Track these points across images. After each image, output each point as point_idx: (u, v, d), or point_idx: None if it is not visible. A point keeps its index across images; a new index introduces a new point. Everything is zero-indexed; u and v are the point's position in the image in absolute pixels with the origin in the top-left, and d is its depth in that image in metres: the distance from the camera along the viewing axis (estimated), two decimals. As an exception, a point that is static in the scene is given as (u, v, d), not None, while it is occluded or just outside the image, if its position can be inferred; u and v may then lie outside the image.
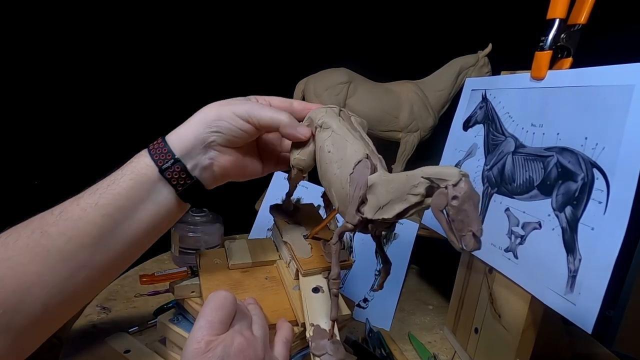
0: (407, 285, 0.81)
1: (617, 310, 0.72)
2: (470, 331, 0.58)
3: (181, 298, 0.46)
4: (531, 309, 0.46)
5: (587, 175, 0.40)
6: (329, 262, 0.46)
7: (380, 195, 0.32)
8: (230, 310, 0.35)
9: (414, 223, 0.74)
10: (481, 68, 0.80)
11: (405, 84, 0.81)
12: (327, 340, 0.38)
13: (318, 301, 0.42)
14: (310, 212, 0.55)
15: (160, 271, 0.71)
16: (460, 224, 0.26)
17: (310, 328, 0.39)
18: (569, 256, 0.41)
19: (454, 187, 0.26)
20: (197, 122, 0.40)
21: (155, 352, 0.50)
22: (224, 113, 0.40)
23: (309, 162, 0.43)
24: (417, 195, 0.29)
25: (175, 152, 0.39)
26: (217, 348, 0.31)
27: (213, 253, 0.50)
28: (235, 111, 0.40)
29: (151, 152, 0.39)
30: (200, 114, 0.41)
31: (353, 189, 0.35)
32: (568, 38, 0.47)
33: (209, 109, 0.41)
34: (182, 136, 0.40)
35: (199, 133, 0.40)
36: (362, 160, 0.35)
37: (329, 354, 0.36)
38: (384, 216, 0.32)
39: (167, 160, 0.39)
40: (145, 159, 0.39)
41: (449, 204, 0.27)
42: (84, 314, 0.59)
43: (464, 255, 0.62)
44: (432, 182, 0.28)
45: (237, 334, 0.33)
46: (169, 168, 0.39)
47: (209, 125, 0.40)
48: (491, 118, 0.57)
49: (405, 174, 0.31)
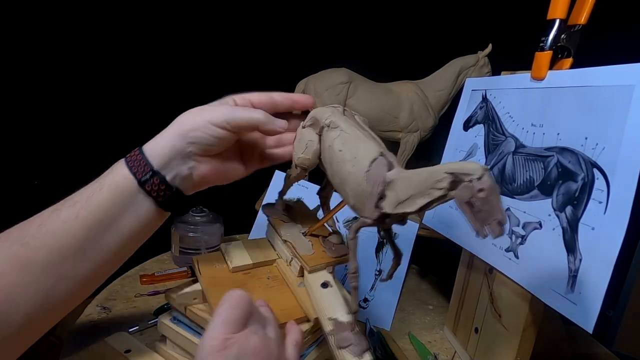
0: (408, 285, 0.81)
1: (617, 310, 0.72)
2: (471, 331, 0.58)
3: (182, 306, 0.45)
4: (531, 309, 0.46)
5: (587, 175, 0.40)
6: (331, 257, 0.47)
7: (400, 190, 0.34)
8: (246, 310, 0.34)
9: (414, 223, 0.74)
10: (481, 68, 0.80)
11: (406, 84, 0.81)
12: (349, 331, 0.39)
13: (329, 296, 0.43)
14: (302, 210, 0.55)
15: (161, 271, 0.71)
16: (486, 214, 0.29)
17: (329, 322, 0.39)
18: (569, 256, 0.41)
19: (478, 181, 0.29)
20: (173, 133, 0.39)
21: (156, 351, 0.50)
22: (199, 122, 0.39)
23: (314, 160, 0.43)
24: (441, 189, 0.31)
25: (153, 164, 0.38)
26: (233, 346, 0.31)
27: (210, 257, 0.49)
28: (211, 119, 0.39)
29: (129, 163, 0.38)
30: (175, 124, 0.40)
31: (371, 186, 0.36)
32: (568, 38, 0.47)
33: (184, 118, 0.40)
34: (159, 147, 0.39)
35: (175, 144, 0.39)
36: (378, 158, 0.36)
37: (354, 345, 0.37)
38: (406, 210, 0.33)
39: (146, 172, 0.38)
40: (123, 171, 0.38)
41: (474, 196, 0.29)
42: (85, 313, 0.59)
43: (464, 255, 0.62)
44: (456, 177, 0.30)
45: (252, 333, 0.33)
46: (148, 180, 0.38)
47: (184, 136, 0.39)
48: (491, 118, 0.57)
49: (426, 169, 0.33)
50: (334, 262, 0.47)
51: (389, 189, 0.35)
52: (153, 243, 0.81)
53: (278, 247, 0.50)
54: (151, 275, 0.69)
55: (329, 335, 0.39)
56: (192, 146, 0.39)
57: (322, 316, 0.41)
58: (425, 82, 0.83)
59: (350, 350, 0.37)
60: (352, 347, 0.37)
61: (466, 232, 0.57)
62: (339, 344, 0.38)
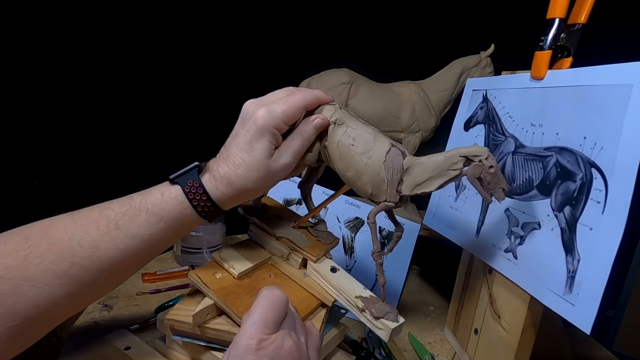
0: (409, 285, 0.80)
1: (617, 310, 0.71)
2: (470, 332, 0.57)
3: (196, 327, 0.43)
4: (530, 310, 0.46)
5: (585, 175, 0.40)
6: (326, 244, 0.50)
7: (417, 174, 0.41)
8: (283, 311, 0.35)
9: (416, 224, 0.74)
10: (484, 68, 0.80)
11: (407, 85, 0.81)
12: (381, 303, 0.43)
13: (343, 278, 0.46)
14: (276, 205, 0.56)
15: (162, 269, 0.71)
16: (494, 184, 0.39)
17: (356, 300, 0.43)
18: (567, 256, 0.41)
19: (487, 160, 0.38)
20: (234, 191, 0.41)
21: (156, 349, 0.50)
22: (260, 187, 0.42)
23: (316, 157, 0.46)
24: (457, 170, 0.39)
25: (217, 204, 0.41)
26: (268, 347, 0.31)
27: (207, 269, 0.47)
28: (269, 185, 0.43)
29: (193, 202, 0.40)
30: (240, 184, 0.40)
31: (390, 174, 0.41)
32: (568, 38, 0.46)
33: (247, 183, 0.41)
34: (220, 196, 0.41)
35: (231, 195, 0.41)
36: (392, 149, 0.42)
37: (389, 312, 0.42)
38: (425, 190, 0.41)
39: (206, 206, 0.40)
40: (186, 210, 0.40)
41: (484, 171, 0.38)
42: (86, 311, 0.59)
43: (464, 256, 0.62)
44: (468, 159, 0.39)
45: (287, 336, 0.33)
46: (207, 212, 0.41)
47: (244, 193, 0.41)
48: (492, 118, 0.57)
49: (442, 154, 0.40)
50: (329, 247, 0.50)
51: (406, 174, 0.41)
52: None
53: (269, 245, 0.51)
54: (153, 273, 0.70)
55: (361, 311, 0.42)
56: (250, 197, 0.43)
57: (346, 297, 0.44)
58: (427, 82, 0.83)
59: (388, 318, 0.41)
60: (389, 315, 0.41)
61: (465, 233, 0.57)
62: (377, 315, 0.41)
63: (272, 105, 0.41)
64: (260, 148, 0.40)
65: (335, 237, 0.52)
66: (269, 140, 0.40)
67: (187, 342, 0.44)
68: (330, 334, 0.49)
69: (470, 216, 0.57)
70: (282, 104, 0.41)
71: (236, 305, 0.42)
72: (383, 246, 0.75)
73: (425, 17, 0.93)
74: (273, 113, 0.40)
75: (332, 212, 0.76)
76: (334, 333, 0.49)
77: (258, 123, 0.39)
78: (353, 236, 0.75)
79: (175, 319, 0.43)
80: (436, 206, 0.66)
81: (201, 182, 0.40)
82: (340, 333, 0.51)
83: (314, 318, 0.45)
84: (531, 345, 0.48)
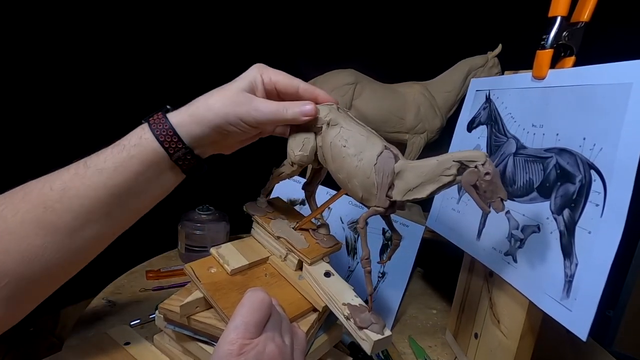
0: (412, 288, 0.79)
1: (617, 310, 0.69)
2: (471, 336, 0.56)
3: (184, 317, 0.44)
4: (529, 315, 0.45)
5: (584, 177, 0.39)
6: (325, 248, 0.49)
7: (409, 179, 0.38)
8: (267, 314, 0.35)
9: (420, 226, 0.73)
10: (490, 69, 0.78)
11: (413, 85, 0.81)
12: (367, 313, 0.41)
13: (335, 283, 0.45)
14: (282, 205, 0.56)
15: (166, 267, 0.72)
16: (490, 193, 0.34)
17: (344, 307, 0.42)
18: (565, 261, 0.40)
19: (483, 166, 0.33)
20: (205, 122, 0.40)
21: (154, 345, 0.51)
22: (232, 119, 0.40)
23: (311, 157, 0.45)
24: (450, 175, 0.35)
25: (185, 141, 0.40)
26: (249, 353, 0.31)
27: (203, 263, 0.48)
28: (242, 117, 0.40)
29: (159, 137, 0.39)
30: (209, 112, 0.40)
31: (380, 178, 0.39)
32: (570, 36, 0.45)
33: (217, 106, 0.40)
34: (189, 129, 0.40)
35: (205, 133, 0.40)
36: (384, 151, 0.40)
37: (374, 323, 0.40)
38: (416, 196, 0.38)
39: (178, 149, 0.40)
40: (153, 144, 0.39)
41: (480, 179, 0.34)
42: (91, 306, 0.61)
43: (465, 259, 0.61)
44: (462, 164, 0.35)
45: (270, 340, 0.33)
46: (180, 157, 0.40)
47: (216, 127, 0.40)
48: (494, 119, 0.56)
49: (434, 159, 0.37)
50: (328, 251, 0.49)
51: (397, 179, 0.39)
52: (160, 240, 0.83)
53: (269, 244, 0.51)
54: (157, 271, 0.71)
55: (347, 319, 0.41)
56: (222, 136, 0.42)
57: (334, 303, 0.43)
58: (433, 83, 0.82)
59: (372, 329, 0.40)
60: (373, 326, 0.40)
61: (467, 236, 0.56)
62: (361, 325, 0.40)
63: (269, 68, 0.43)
64: (240, 82, 0.42)
65: (337, 242, 0.51)
66: (251, 80, 0.42)
67: (178, 332, 0.45)
68: (320, 339, 0.47)
69: (471, 219, 0.56)
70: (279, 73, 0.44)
71: (223, 301, 0.42)
72: (386, 248, 0.74)
73: (430, 17, 0.92)
74: (266, 68, 0.43)
75: (335, 213, 0.76)
76: (324, 339, 0.48)
77: (247, 72, 0.42)
78: (356, 237, 0.74)
79: (168, 308, 0.44)
80: (439, 208, 0.65)
81: (166, 116, 0.40)
82: (333, 337, 0.50)
83: (301, 321, 0.44)
84: (530, 352, 0.47)
